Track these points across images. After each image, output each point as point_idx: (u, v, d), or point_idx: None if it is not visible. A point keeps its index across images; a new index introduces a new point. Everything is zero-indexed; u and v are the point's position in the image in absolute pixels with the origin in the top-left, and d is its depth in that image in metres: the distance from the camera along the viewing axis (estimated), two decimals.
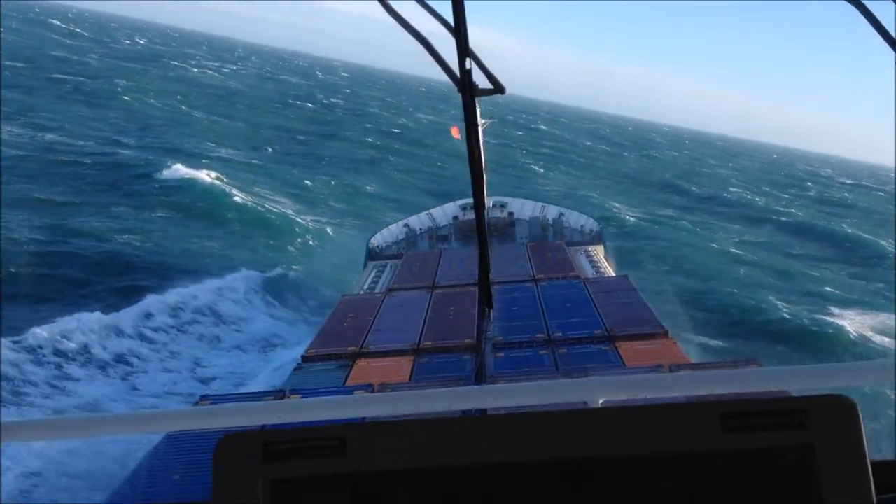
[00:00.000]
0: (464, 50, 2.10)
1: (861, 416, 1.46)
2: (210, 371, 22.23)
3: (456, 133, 27.99)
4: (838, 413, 1.47)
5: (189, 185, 43.69)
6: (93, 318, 23.04)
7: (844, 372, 1.88)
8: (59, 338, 21.70)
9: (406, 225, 32.15)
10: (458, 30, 2.03)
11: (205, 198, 42.23)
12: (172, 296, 25.99)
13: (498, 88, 2.31)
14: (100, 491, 13.61)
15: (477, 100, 2.55)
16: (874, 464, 1.47)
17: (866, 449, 1.45)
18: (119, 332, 22.96)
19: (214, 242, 35.82)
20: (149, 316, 24.38)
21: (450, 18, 2.10)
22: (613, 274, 24.87)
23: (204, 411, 1.92)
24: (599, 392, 1.82)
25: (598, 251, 27.84)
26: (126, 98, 75.49)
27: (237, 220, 40.29)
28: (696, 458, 1.48)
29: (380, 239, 30.36)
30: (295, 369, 16.35)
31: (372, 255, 28.48)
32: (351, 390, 14.02)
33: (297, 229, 40.36)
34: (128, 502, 10.17)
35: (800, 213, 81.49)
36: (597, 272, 24.68)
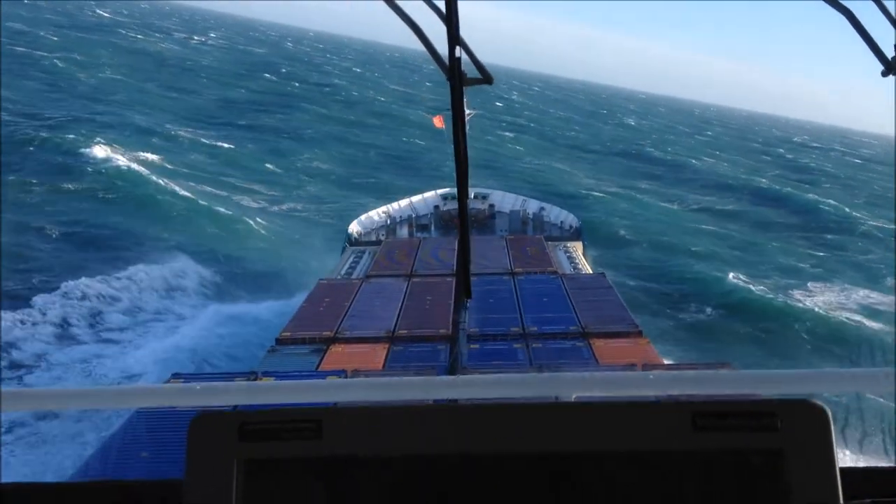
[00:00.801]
0: (454, 38, 2.03)
1: (832, 422, 1.48)
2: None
3: (438, 122, 27.76)
4: (809, 418, 1.49)
5: (127, 171, 41.95)
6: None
7: (816, 378, 1.92)
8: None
9: (386, 212, 32.16)
10: (450, 18, 1.97)
11: (139, 183, 40.37)
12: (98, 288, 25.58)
13: (486, 78, 2.28)
14: None
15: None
16: (843, 470, 1.48)
17: (836, 455, 1.47)
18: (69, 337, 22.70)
19: (155, 231, 34.12)
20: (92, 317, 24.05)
21: (441, 5, 2.03)
22: (591, 271, 25.07)
23: (180, 389, 1.94)
24: (573, 387, 1.85)
25: (577, 247, 28.03)
26: (81, 76, 73.49)
27: (181, 207, 38.21)
28: (666, 456, 1.49)
29: (359, 225, 30.29)
30: (269, 351, 16.34)
31: (351, 240, 28.45)
32: (324, 375, 14.04)
33: (248, 219, 38.31)
34: (99, 475, 10.11)
35: (774, 184, 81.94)
36: (574, 268, 24.87)
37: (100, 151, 44.12)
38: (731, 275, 38.99)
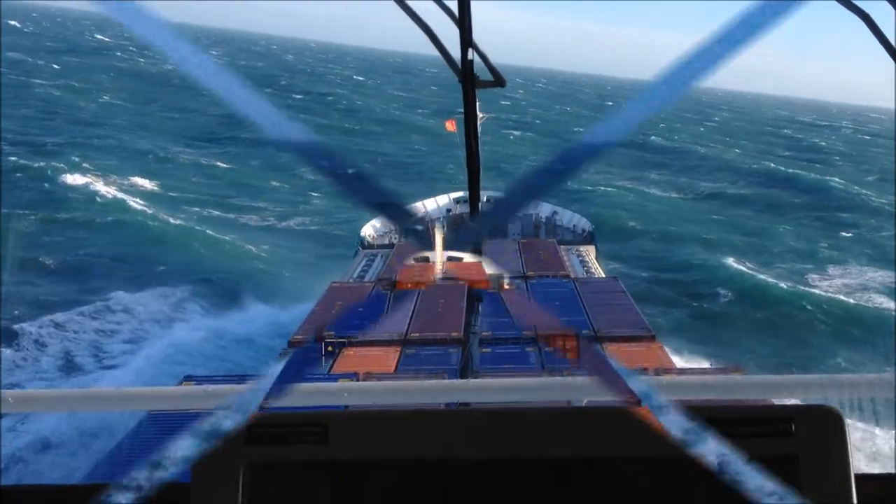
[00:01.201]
0: (467, 41, 2.04)
1: (847, 428, 1.46)
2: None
3: (451, 126, 27.64)
4: (824, 424, 1.49)
5: (121, 199, 40.69)
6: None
7: (828, 383, 1.92)
8: None
9: None
10: (463, 21, 1.98)
11: (131, 211, 39.13)
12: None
13: (499, 81, 2.22)
14: None
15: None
16: (858, 476, 1.47)
17: (851, 461, 1.46)
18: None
19: (150, 258, 32.95)
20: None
21: (454, 8, 2.05)
22: (604, 275, 25.04)
23: (190, 392, 1.97)
24: (585, 392, 1.86)
25: (590, 251, 28.08)
26: (81, 103, 73.43)
27: (175, 233, 36.85)
28: (678, 462, 1.46)
29: (372, 228, 30.31)
30: (280, 354, 16.34)
31: (364, 243, 28.65)
32: (336, 378, 13.96)
33: (247, 243, 36.99)
34: (107, 479, 10.09)
35: (783, 166, 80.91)
36: (587, 272, 24.89)
37: (92, 179, 43.23)
38: (743, 262, 38.58)
